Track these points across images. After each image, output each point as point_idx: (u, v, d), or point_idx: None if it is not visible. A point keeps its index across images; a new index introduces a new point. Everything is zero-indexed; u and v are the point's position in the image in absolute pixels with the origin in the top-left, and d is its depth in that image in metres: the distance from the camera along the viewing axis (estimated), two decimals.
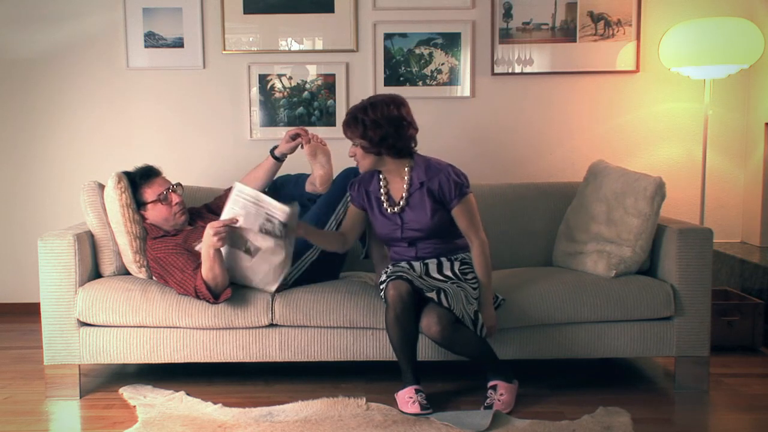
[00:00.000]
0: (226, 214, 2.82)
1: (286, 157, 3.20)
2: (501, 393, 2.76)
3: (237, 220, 2.79)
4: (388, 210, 2.90)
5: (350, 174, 3.11)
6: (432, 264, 2.91)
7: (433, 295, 2.73)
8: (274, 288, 2.93)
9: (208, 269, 2.82)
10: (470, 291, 2.82)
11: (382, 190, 2.92)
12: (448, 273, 2.88)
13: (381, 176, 2.93)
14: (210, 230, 2.77)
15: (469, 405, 2.81)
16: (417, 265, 2.92)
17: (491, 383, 2.80)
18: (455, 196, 2.84)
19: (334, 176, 3.15)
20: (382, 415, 2.71)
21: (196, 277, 2.86)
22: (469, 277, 2.88)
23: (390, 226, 2.91)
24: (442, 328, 2.69)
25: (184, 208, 3.16)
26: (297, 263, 3.02)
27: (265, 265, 2.85)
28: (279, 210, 2.74)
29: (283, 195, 3.29)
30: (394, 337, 2.77)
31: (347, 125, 2.83)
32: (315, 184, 3.11)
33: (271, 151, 3.20)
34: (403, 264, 2.94)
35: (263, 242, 2.80)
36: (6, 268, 4.29)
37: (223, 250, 2.84)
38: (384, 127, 2.77)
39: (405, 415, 2.72)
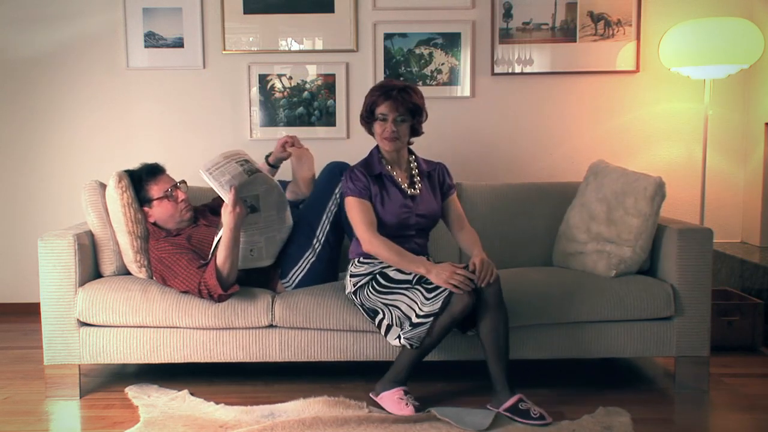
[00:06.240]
0: (222, 193, 2.80)
1: (281, 163, 3.27)
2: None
3: (233, 185, 2.78)
4: (409, 191, 2.90)
5: (334, 169, 3.06)
6: None
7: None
8: (290, 225, 3.04)
9: (225, 257, 2.82)
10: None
11: (394, 173, 2.92)
12: None
13: (383, 161, 2.92)
14: (227, 210, 2.77)
15: (470, 405, 2.80)
16: None
17: (519, 395, 2.69)
18: (453, 186, 3.04)
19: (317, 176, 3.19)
20: (383, 415, 2.71)
21: (202, 273, 2.87)
22: None
23: (404, 211, 2.87)
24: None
25: (189, 204, 3.16)
26: (296, 266, 3.03)
27: (272, 211, 2.94)
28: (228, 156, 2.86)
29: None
30: (428, 344, 2.70)
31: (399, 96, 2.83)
32: (300, 186, 3.18)
33: (266, 158, 3.27)
34: None
35: (257, 186, 2.86)
36: (6, 268, 4.29)
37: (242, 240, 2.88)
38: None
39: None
